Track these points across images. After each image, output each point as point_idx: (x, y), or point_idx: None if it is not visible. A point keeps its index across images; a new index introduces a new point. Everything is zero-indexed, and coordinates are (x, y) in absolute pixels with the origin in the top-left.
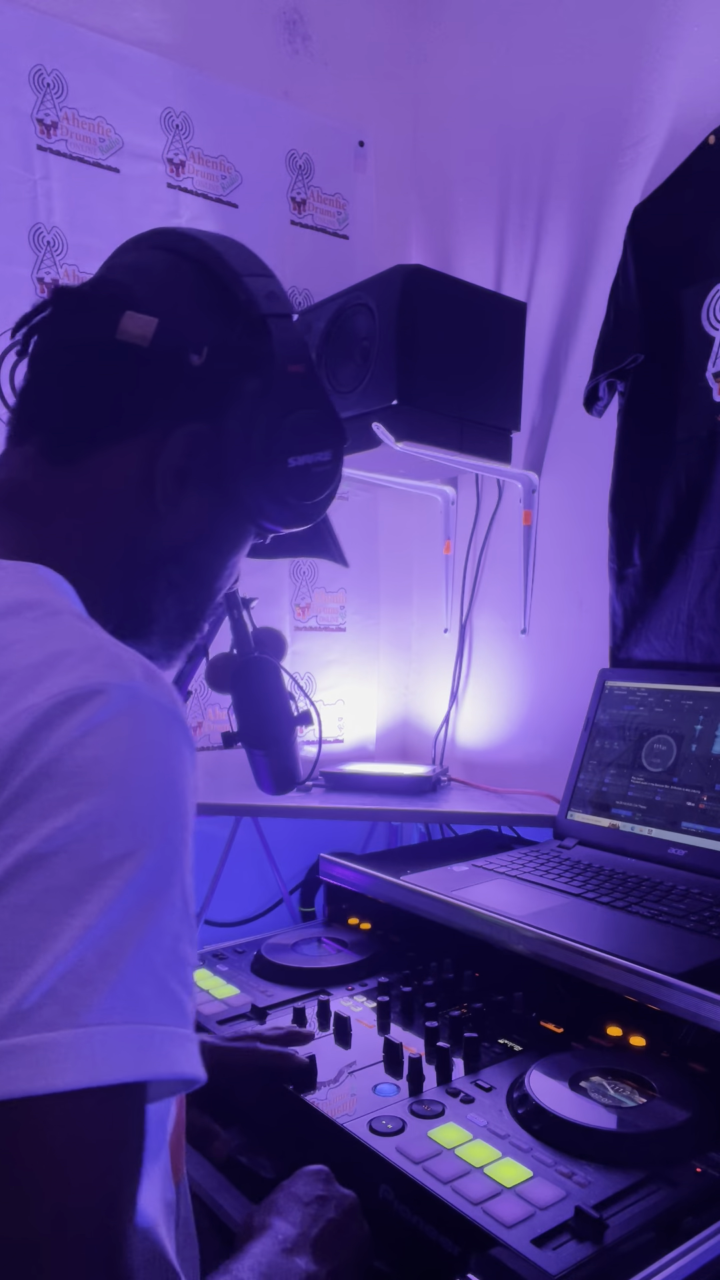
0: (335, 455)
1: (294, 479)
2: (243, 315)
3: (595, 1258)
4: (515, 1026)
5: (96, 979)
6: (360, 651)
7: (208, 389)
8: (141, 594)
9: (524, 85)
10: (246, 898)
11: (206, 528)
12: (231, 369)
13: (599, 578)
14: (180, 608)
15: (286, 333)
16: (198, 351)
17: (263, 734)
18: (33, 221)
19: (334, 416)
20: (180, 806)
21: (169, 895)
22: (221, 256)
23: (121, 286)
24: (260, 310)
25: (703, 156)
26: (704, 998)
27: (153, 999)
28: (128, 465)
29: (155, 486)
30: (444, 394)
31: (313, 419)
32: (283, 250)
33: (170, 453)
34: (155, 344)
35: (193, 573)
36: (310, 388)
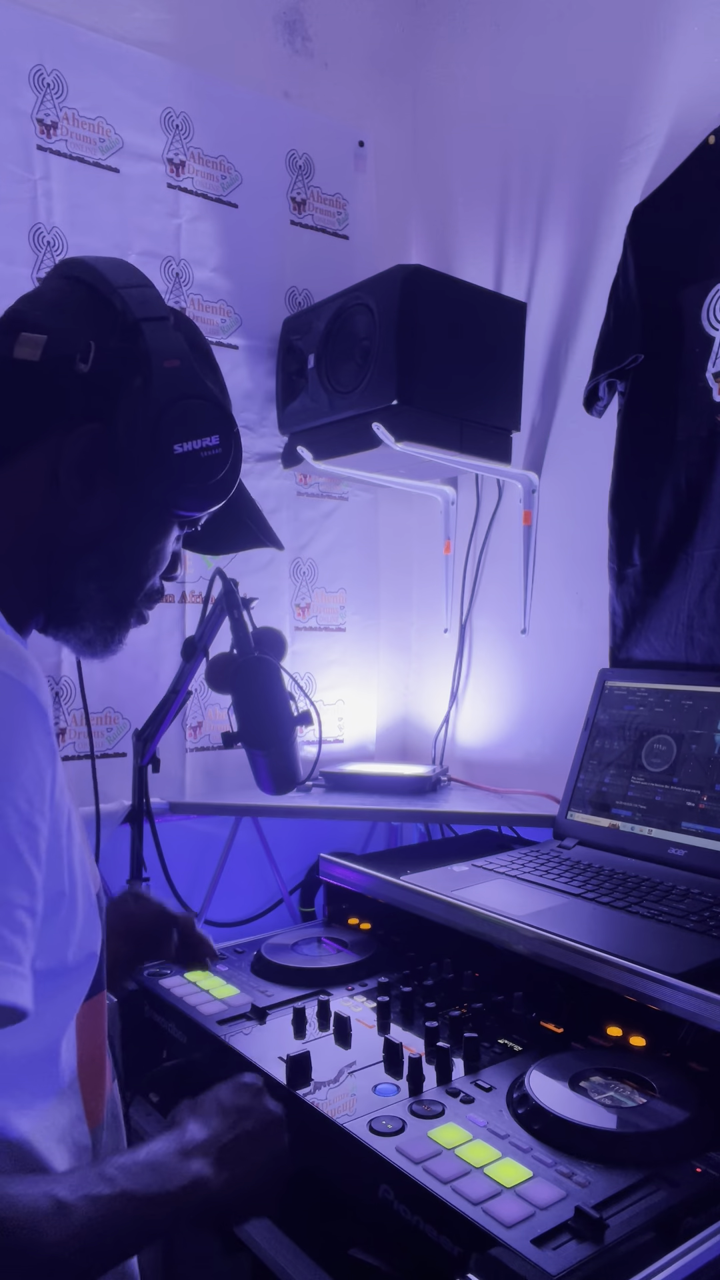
0: (224, 439)
1: (183, 464)
2: (120, 322)
3: (595, 1258)
4: (515, 1026)
5: None
6: (360, 651)
7: (96, 392)
8: (65, 585)
9: (524, 85)
10: (246, 898)
11: (117, 518)
12: (114, 371)
13: (599, 578)
14: (104, 594)
15: (160, 333)
16: (84, 359)
17: (263, 734)
18: (33, 221)
19: (215, 404)
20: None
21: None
22: (102, 274)
23: (19, 312)
24: (134, 316)
25: (703, 156)
26: (704, 998)
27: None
28: (38, 468)
29: (61, 485)
30: (444, 394)
31: (192, 408)
32: (283, 250)
33: (70, 452)
34: (45, 357)
35: (112, 561)
36: (188, 380)
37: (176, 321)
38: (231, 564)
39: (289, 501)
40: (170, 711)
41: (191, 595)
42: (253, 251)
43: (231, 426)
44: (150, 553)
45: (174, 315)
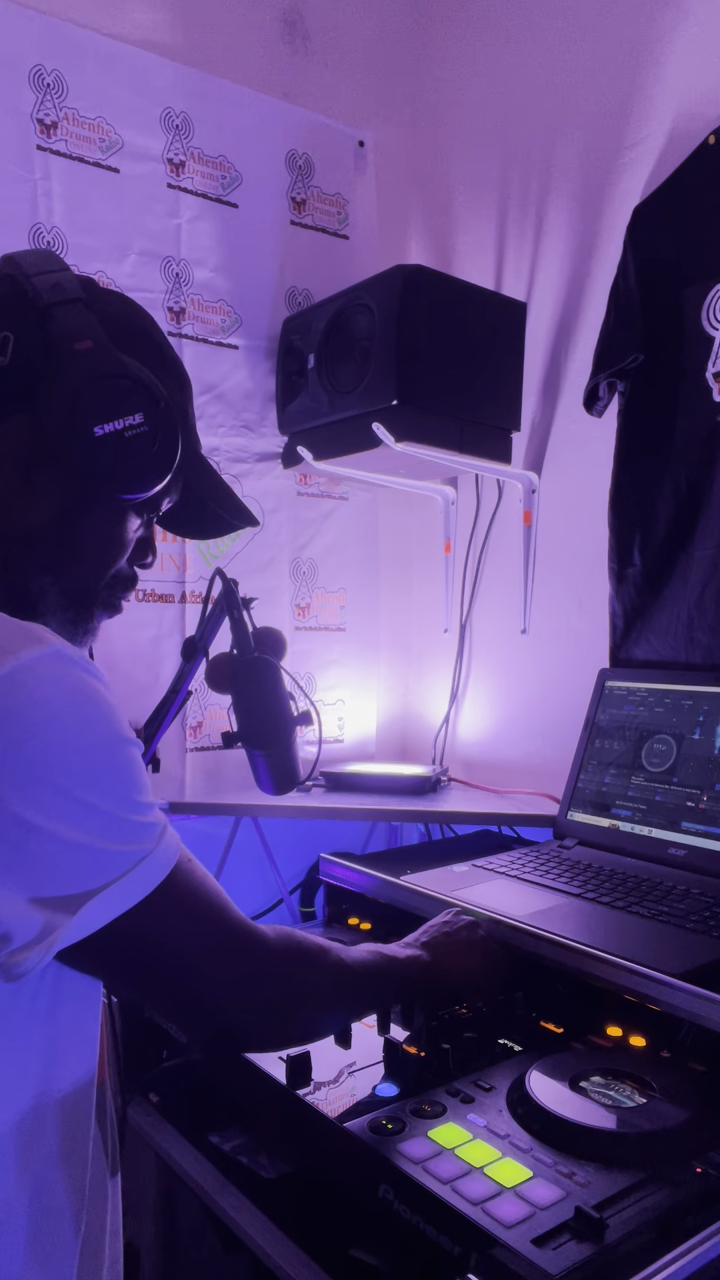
0: (149, 416)
1: (108, 446)
2: (32, 310)
3: (595, 1258)
4: (515, 1026)
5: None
6: (360, 651)
7: (18, 382)
8: (18, 578)
9: (524, 85)
10: (246, 898)
11: (62, 506)
12: (30, 360)
13: (599, 578)
14: (60, 585)
15: (70, 316)
16: (3, 353)
17: (263, 734)
18: (33, 221)
19: (133, 382)
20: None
21: (120, 756)
22: (18, 263)
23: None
24: (44, 301)
25: (703, 156)
26: (704, 998)
27: (151, 823)
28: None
29: (3, 479)
30: (444, 394)
31: (108, 388)
32: (283, 250)
33: (4, 446)
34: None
35: (65, 551)
36: (101, 361)
37: (92, 301)
38: (232, 564)
39: (289, 501)
40: (170, 711)
41: (191, 595)
42: (253, 251)
43: (157, 403)
44: (104, 539)
45: (93, 295)
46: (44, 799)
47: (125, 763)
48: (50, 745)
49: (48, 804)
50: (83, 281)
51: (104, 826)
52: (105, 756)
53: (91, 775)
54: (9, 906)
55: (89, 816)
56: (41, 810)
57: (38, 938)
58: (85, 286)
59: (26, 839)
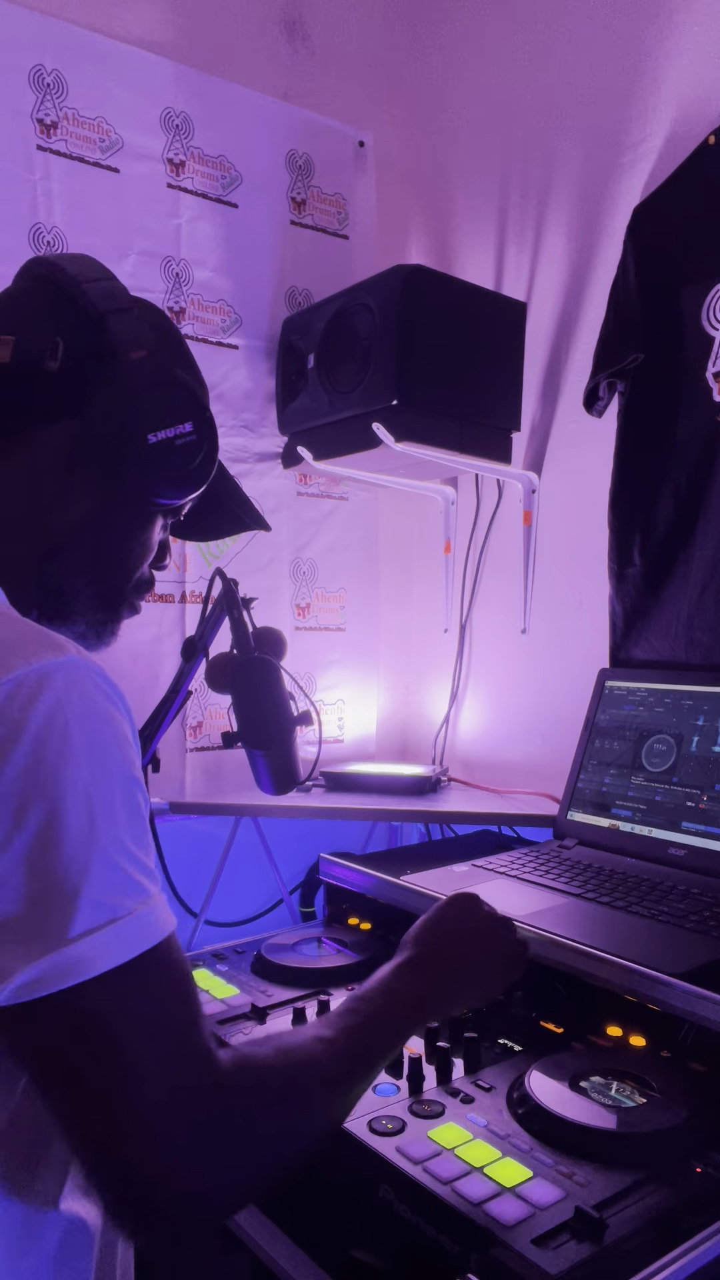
0: (197, 425)
1: (158, 453)
2: (85, 317)
3: (595, 1258)
4: (515, 1026)
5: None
6: (360, 651)
7: (67, 388)
8: (54, 580)
9: (524, 85)
10: (246, 898)
11: (99, 511)
12: (82, 366)
13: (599, 578)
14: (92, 588)
15: (126, 324)
16: (53, 357)
17: (263, 734)
18: (33, 221)
19: (186, 391)
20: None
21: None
22: (65, 270)
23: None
24: (99, 309)
25: (703, 156)
26: (704, 998)
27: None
28: (18, 468)
29: (42, 484)
30: (444, 394)
31: (163, 397)
32: (283, 250)
33: (47, 451)
34: (15, 358)
35: (98, 554)
36: (157, 369)
37: (141, 311)
38: (232, 564)
39: (289, 501)
40: (170, 711)
41: (191, 595)
42: (253, 251)
43: (204, 412)
44: (135, 544)
45: (139, 305)
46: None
47: (132, 806)
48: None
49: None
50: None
51: (90, 874)
52: (113, 794)
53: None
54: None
55: (76, 859)
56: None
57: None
58: (132, 297)
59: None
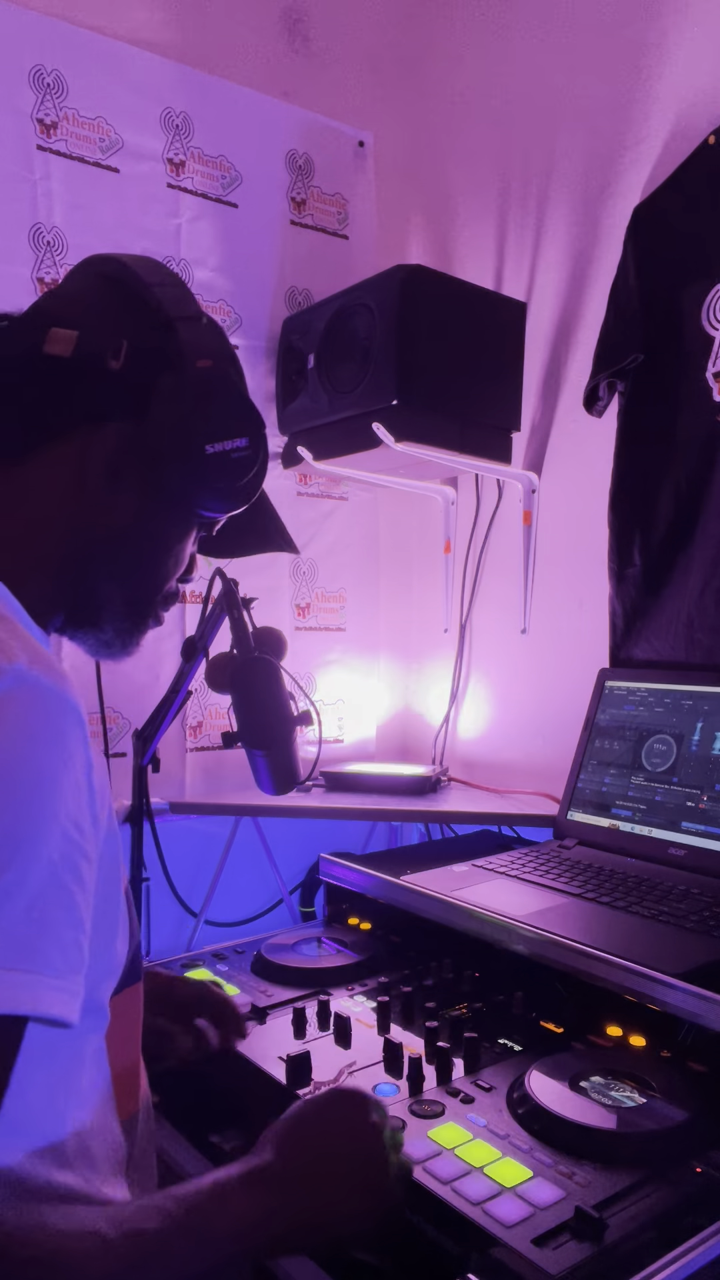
0: (253, 441)
1: (213, 465)
2: (153, 321)
3: (595, 1258)
4: (515, 1026)
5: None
6: (360, 651)
7: (127, 389)
8: (86, 585)
9: (524, 85)
10: (246, 898)
11: (141, 518)
12: (146, 369)
13: (599, 578)
14: (125, 595)
15: (194, 332)
16: (115, 357)
17: (263, 734)
18: (33, 221)
19: (247, 405)
20: (43, 779)
21: (23, 860)
22: (135, 272)
23: (49, 307)
24: (169, 314)
25: (703, 156)
26: (704, 998)
27: (13, 949)
28: (64, 465)
29: (88, 483)
30: (444, 394)
31: (225, 409)
32: (283, 250)
33: (98, 450)
34: (77, 354)
35: (134, 562)
36: (220, 380)
37: (209, 322)
38: (232, 564)
39: (289, 501)
40: (170, 711)
41: (191, 595)
42: (253, 251)
43: (261, 428)
44: (170, 554)
45: (206, 316)
46: None
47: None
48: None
49: None
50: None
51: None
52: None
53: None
54: None
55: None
56: None
57: None
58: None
59: None
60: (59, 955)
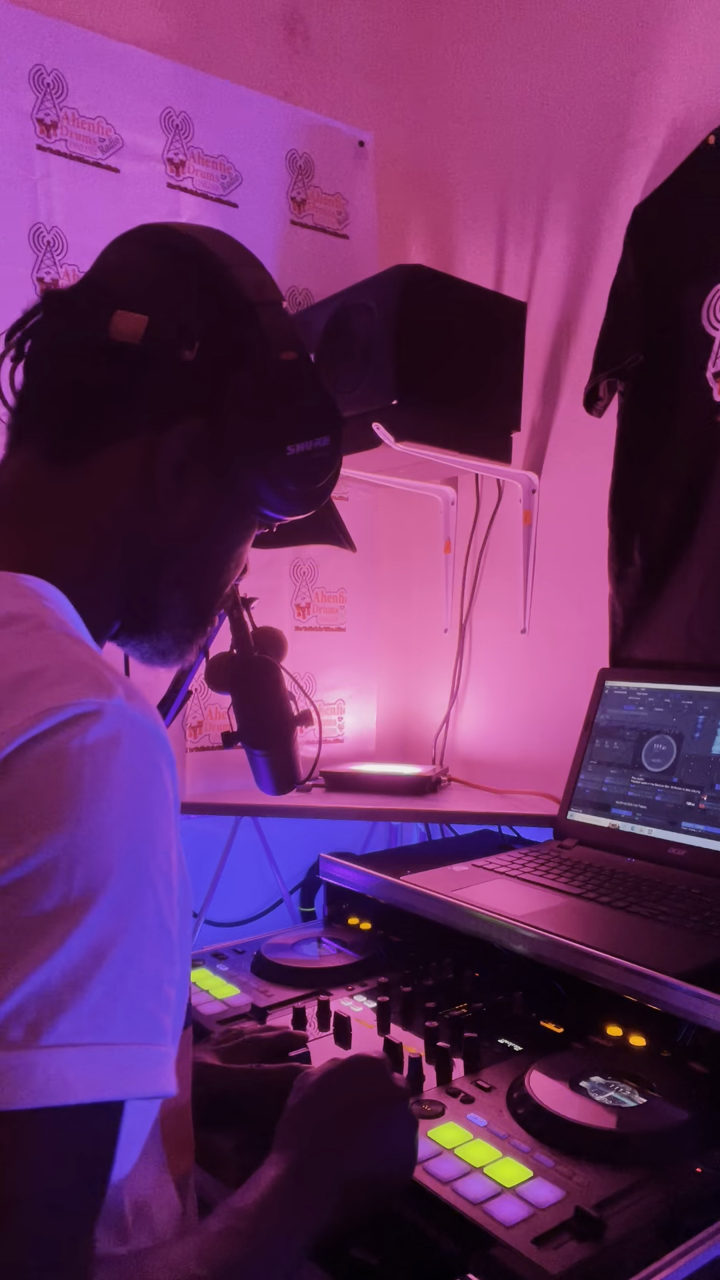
0: (334, 440)
1: (294, 466)
2: (231, 306)
3: (595, 1258)
4: (515, 1026)
5: (63, 1001)
6: (360, 651)
7: (202, 383)
8: (147, 591)
9: (524, 85)
10: (246, 898)
11: (209, 521)
12: (224, 361)
13: (599, 578)
14: (188, 602)
15: (277, 320)
16: (189, 346)
17: (263, 734)
18: (33, 221)
19: (329, 402)
20: (152, 829)
21: (140, 917)
22: (207, 248)
23: (110, 286)
24: (249, 299)
25: (703, 156)
26: (704, 998)
27: (122, 1019)
28: (127, 463)
29: (155, 483)
30: (444, 394)
31: (308, 406)
32: (283, 250)
33: (169, 449)
34: (147, 341)
35: (199, 566)
36: (304, 374)
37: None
38: None
39: None
40: (170, 711)
41: None
42: (253, 251)
43: (342, 426)
44: (234, 556)
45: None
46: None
47: (166, 922)
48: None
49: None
50: None
51: (115, 972)
52: (140, 898)
53: (133, 894)
54: None
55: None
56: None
57: None
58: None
59: None
60: (169, 1019)
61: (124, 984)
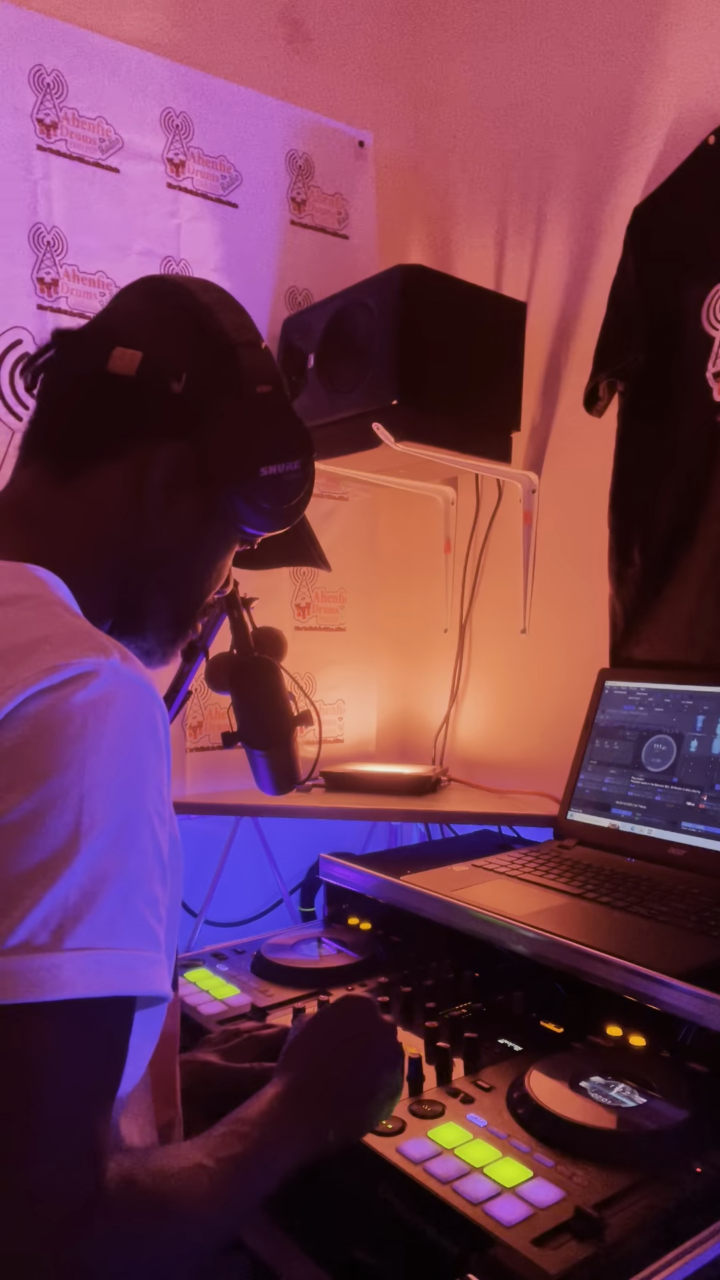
0: (304, 464)
1: (267, 487)
2: (215, 346)
3: (595, 1258)
4: (515, 1026)
5: (80, 913)
6: (360, 651)
7: (188, 411)
8: (134, 595)
9: (524, 85)
10: (246, 898)
11: (193, 535)
12: (208, 393)
13: (599, 578)
14: (172, 607)
15: (255, 358)
16: (178, 379)
17: (263, 734)
18: (33, 221)
19: (301, 430)
20: (146, 770)
21: (139, 844)
22: (195, 296)
23: (112, 327)
24: (232, 339)
25: (703, 156)
26: (704, 998)
27: (129, 930)
28: (121, 481)
29: (145, 498)
30: (444, 394)
31: (281, 433)
32: (283, 250)
33: (157, 469)
34: (140, 374)
35: (182, 575)
36: (278, 405)
37: (267, 349)
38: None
39: None
40: (170, 712)
41: None
42: (253, 251)
43: (311, 451)
44: (215, 568)
45: (264, 342)
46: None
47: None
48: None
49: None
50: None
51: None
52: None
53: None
54: None
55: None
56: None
57: None
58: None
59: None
60: (163, 933)
61: (129, 900)
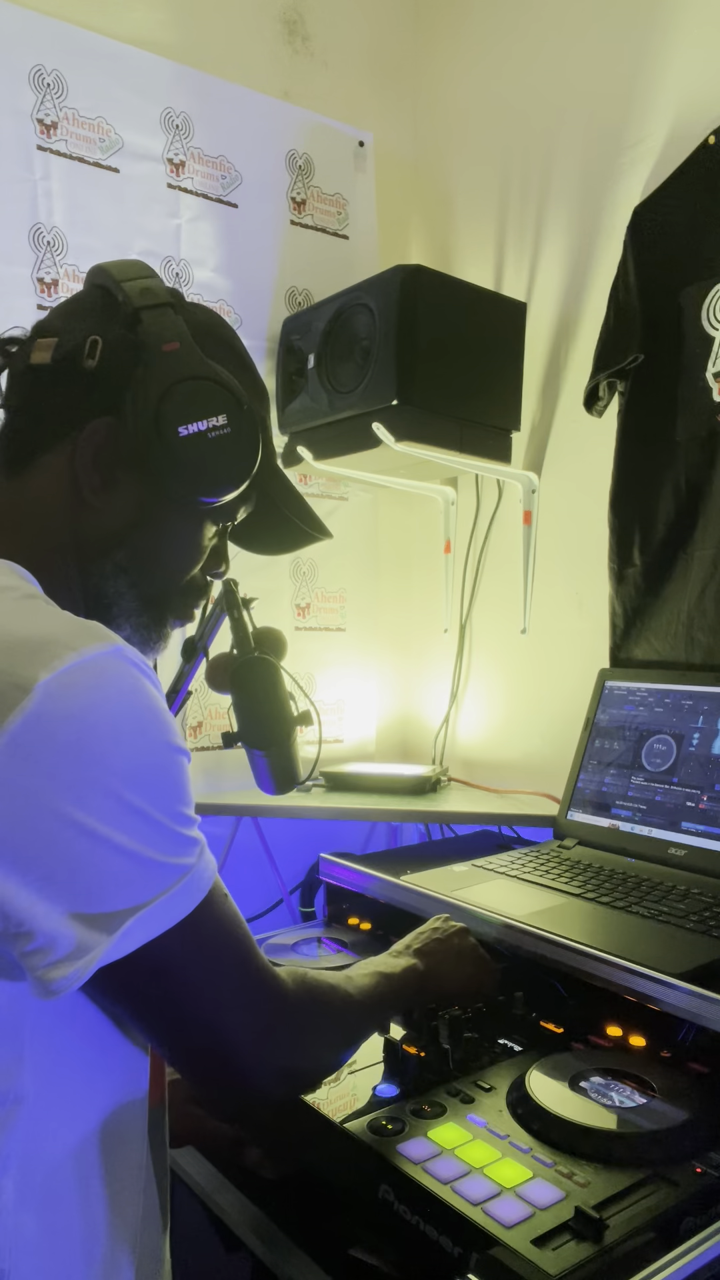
0: (233, 418)
1: (190, 447)
2: (122, 316)
3: (595, 1258)
4: (515, 1026)
5: (175, 838)
6: (360, 651)
7: (104, 386)
8: (94, 582)
9: (524, 85)
10: (246, 898)
11: (140, 511)
12: (118, 363)
13: (599, 578)
14: (135, 590)
15: (160, 319)
16: (91, 356)
17: (263, 734)
18: (33, 221)
19: (220, 382)
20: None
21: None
22: (108, 272)
23: (42, 322)
24: (135, 306)
25: (703, 156)
26: (704, 998)
27: (193, 838)
28: (59, 469)
29: (80, 481)
30: (444, 394)
31: (193, 389)
32: (283, 250)
33: (84, 448)
34: (55, 359)
35: (140, 556)
36: (188, 361)
37: (180, 307)
38: (231, 564)
39: None
40: (170, 711)
41: None
42: (253, 251)
43: (240, 405)
44: (179, 545)
45: (179, 302)
46: (100, 803)
47: (177, 771)
48: (108, 748)
49: (104, 808)
50: (170, 290)
51: (155, 836)
52: (160, 763)
53: (147, 781)
54: (49, 919)
55: (142, 824)
56: (95, 814)
57: (74, 954)
58: (173, 294)
59: (77, 843)
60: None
61: (186, 815)
